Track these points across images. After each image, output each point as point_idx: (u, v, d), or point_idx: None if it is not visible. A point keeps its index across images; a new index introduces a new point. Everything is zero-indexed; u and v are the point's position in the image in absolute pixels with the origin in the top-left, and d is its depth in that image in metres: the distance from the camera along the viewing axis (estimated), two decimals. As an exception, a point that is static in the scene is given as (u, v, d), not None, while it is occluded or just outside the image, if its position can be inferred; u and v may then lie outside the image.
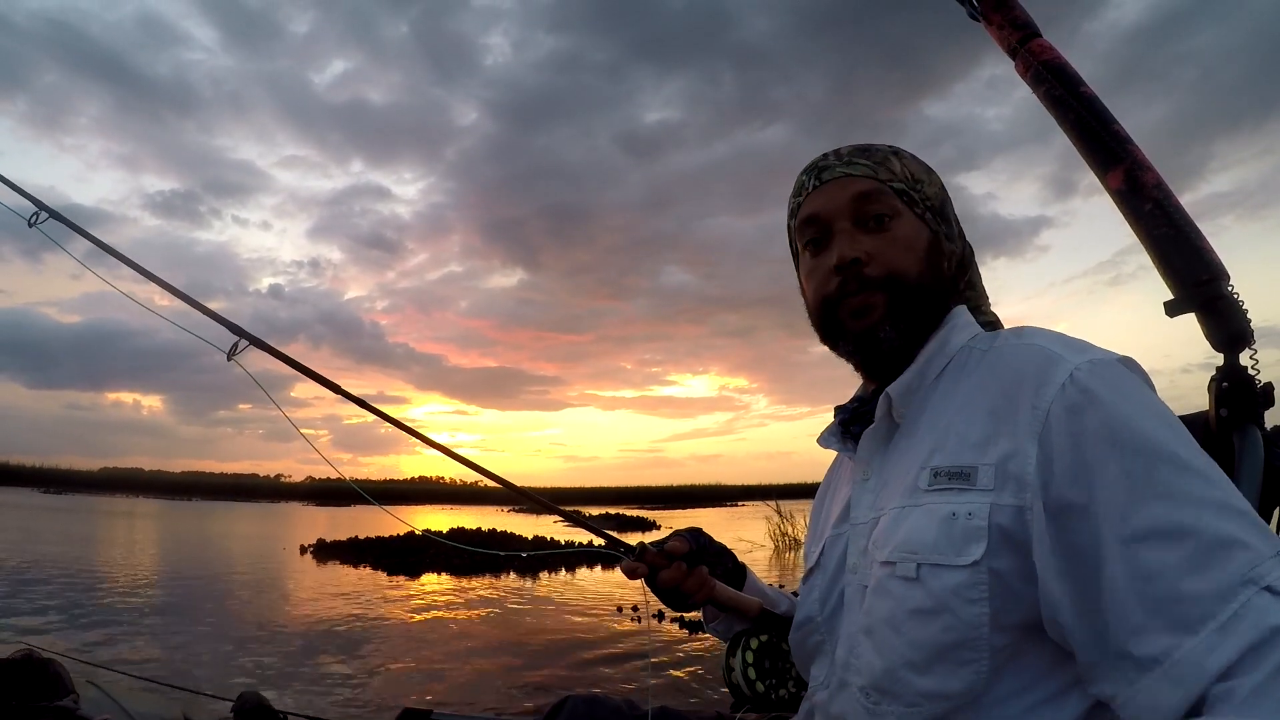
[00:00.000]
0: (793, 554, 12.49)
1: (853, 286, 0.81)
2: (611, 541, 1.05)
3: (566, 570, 11.59)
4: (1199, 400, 0.93)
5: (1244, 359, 0.90)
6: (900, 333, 0.82)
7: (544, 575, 10.96)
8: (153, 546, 14.68)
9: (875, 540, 0.76)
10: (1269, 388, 0.87)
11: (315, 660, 5.19)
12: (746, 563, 1.08)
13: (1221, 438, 0.89)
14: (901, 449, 0.80)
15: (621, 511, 29.80)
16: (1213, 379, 0.91)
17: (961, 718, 0.67)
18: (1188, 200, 1.01)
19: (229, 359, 1.11)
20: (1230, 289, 0.91)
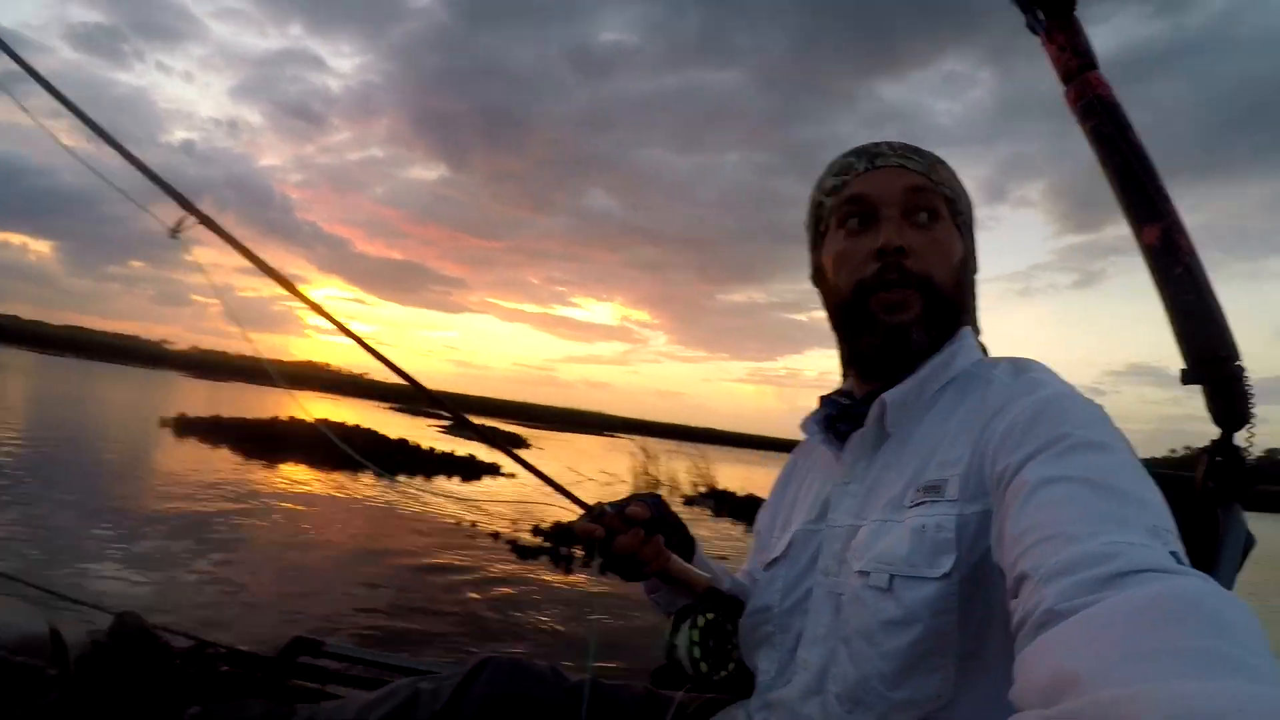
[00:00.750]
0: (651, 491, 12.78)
1: (893, 276, 0.80)
2: (568, 497, 0.98)
3: (445, 476, 11.41)
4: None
5: (1239, 438, 0.94)
6: (931, 339, 0.82)
7: (420, 479, 10.66)
8: (7, 405, 13.64)
9: (854, 549, 0.76)
10: (1258, 469, 0.92)
11: (179, 564, 4.83)
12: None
13: (1204, 506, 0.94)
14: (889, 461, 0.80)
15: (497, 425, 29.31)
16: (1206, 450, 0.96)
17: None
18: (1110, 235, 1.03)
19: (173, 235, 0.99)
20: (1243, 370, 0.95)
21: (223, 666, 1.44)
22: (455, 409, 1.20)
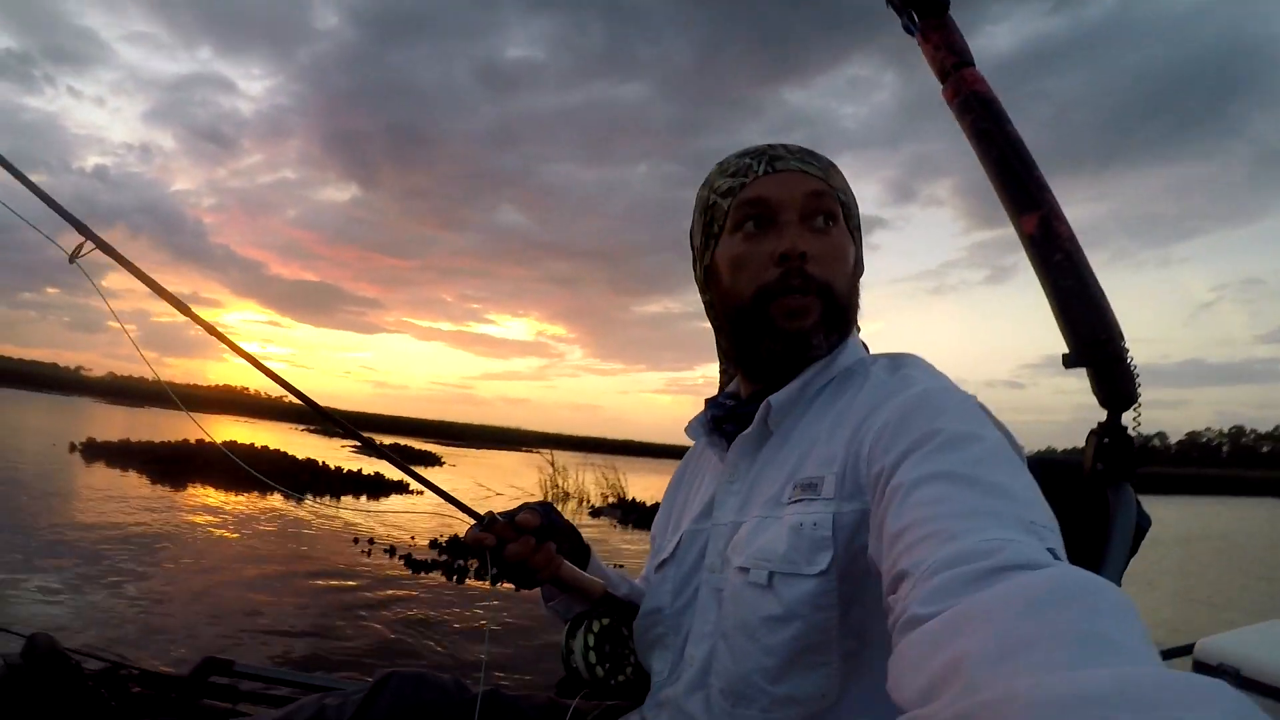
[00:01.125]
0: (560, 505, 12.79)
1: (796, 281, 0.79)
2: (458, 506, 1.00)
3: (353, 495, 11.18)
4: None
5: (1126, 418, 0.95)
6: (830, 345, 0.83)
7: (328, 498, 10.52)
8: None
9: (734, 546, 0.77)
10: (1145, 448, 0.93)
11: (88, 586, 4.65)
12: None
13: (1094, 489, 0.95)
14: (769, 458, 0.82)
15: (410, 444, 29.11)
16: (1093, 432, 0.97)
17: None
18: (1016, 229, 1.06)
19: (71, 261, 0.99)
20: (1126, 351, 0.96)
21: (135, 688, 1.46)
22: (353, 428, 1.18)
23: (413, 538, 7.64)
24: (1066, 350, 0.99)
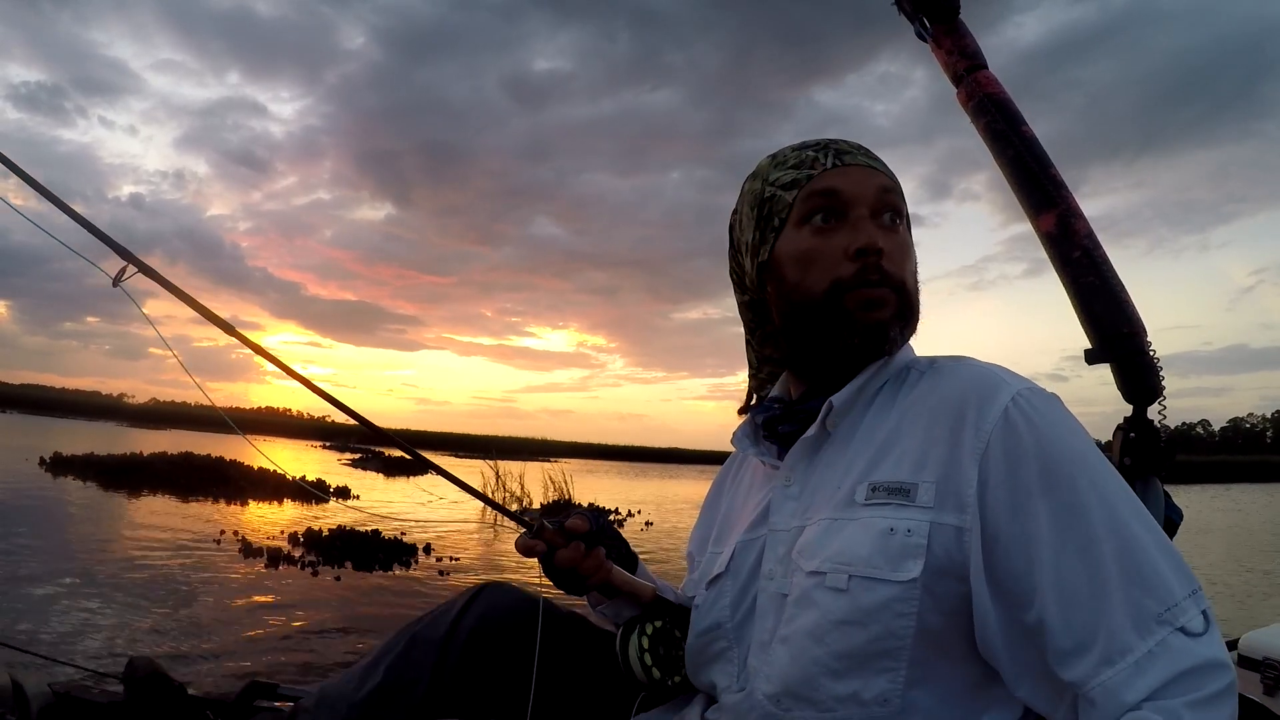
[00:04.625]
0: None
1: (874, 277, 0.77)
2: (509, 516, 0.96)
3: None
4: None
5: (1152, 412, 0.96)
6: (903, 341, 0.81)
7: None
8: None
9: (801, 549, 0.75)
10: (1173, 442, 0.94)
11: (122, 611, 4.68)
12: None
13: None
14: (831, 460, 0.79)
15: (454, 460, 29.65)
16: (1120, 427, 0.97)
17: None
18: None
19: (115, 285, 0.99)
20: (1148, 344, 0.97)
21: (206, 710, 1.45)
22: (405, 444, 1.19)
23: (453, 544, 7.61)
24: (1089, 346, 1.00)
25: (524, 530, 0.90)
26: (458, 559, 7.05)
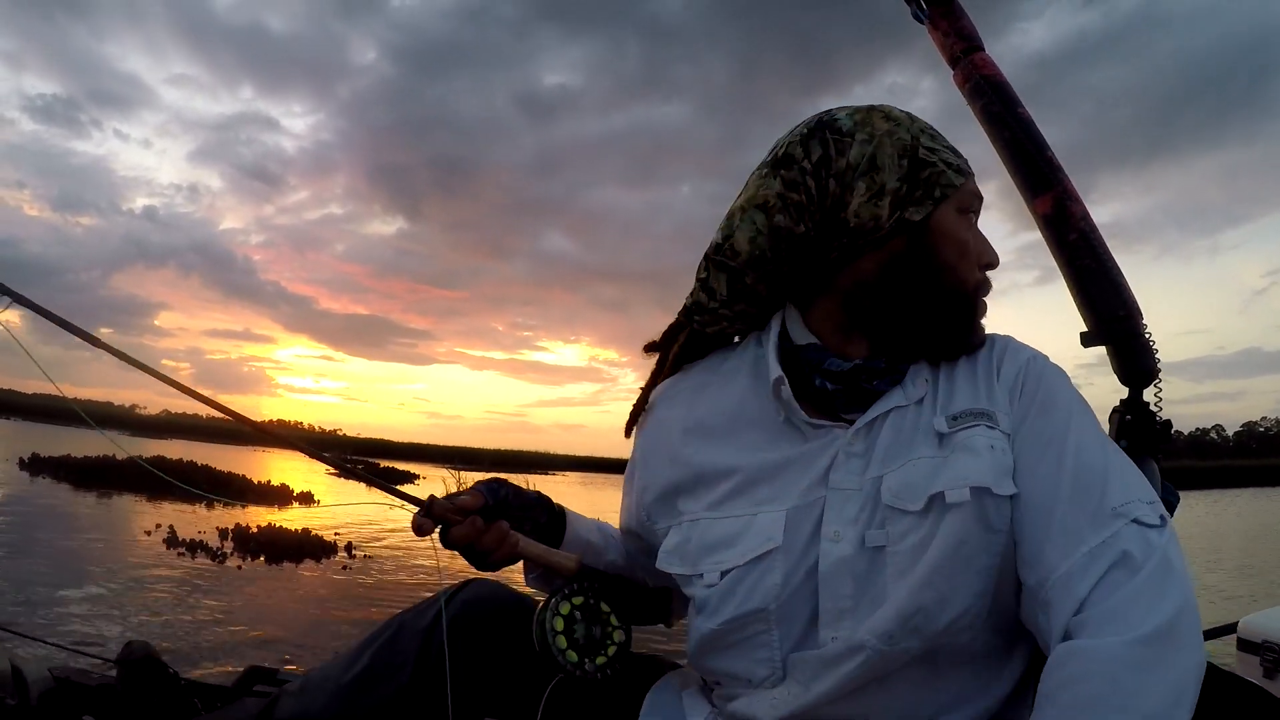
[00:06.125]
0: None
1: (987, 289, 0.84)
2: (398, 496, 0.90)
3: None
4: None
5: (1147, 395, 0.94)
6: None
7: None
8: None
9: (898, 492, 0.72)
10: (1168, 424, 0.92)
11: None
12: None
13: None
14: (887, 416, 0.78)
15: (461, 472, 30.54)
16: (1116, 410, 0.96)
17: (939, 657, 0.71)
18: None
19: None
20: (1144, 327, 0.95)
21: (193, 698, 1.47)
22: (302, 443, 1.20)
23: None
24: (1085, 329, 0.99)
25: (417, 510, 0.85)
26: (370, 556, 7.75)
